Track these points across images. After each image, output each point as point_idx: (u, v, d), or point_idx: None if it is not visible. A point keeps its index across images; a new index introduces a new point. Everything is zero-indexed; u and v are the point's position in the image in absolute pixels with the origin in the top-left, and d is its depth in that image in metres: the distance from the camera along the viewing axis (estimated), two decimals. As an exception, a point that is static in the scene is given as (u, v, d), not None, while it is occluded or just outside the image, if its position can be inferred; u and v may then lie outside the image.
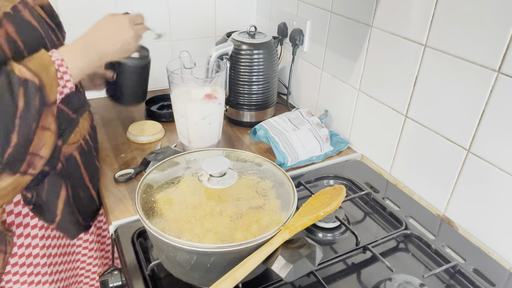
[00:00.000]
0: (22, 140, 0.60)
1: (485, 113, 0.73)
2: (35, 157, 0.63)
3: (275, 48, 1.15)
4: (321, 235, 0.81)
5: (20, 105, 0.58)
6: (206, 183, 0.67)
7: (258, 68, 1.10)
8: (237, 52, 1.09)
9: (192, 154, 0.77)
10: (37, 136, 0.62)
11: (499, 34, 0.68)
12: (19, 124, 0.59)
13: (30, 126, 0.60)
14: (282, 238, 0.59)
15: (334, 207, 0.64)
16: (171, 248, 0.59)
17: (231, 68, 1.11)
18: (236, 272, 0.56)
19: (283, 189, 0.69)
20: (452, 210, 0.84)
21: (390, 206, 0.87)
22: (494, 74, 0.70)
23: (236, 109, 1.17)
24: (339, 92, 1.10)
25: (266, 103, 1.17)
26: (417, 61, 0.84)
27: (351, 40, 1.01)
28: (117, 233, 0.78)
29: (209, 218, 0.61)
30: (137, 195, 0.65)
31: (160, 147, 1.03)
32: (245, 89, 1.13)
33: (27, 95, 0.59)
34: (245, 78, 1.11)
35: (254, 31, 1.12)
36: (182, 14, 1.32)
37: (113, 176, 0.92)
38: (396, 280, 0.67)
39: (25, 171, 0.63)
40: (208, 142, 1.02)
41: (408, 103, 0.89)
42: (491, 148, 0.73)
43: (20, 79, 0.58)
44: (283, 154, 0.96)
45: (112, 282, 0.72)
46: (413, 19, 0.83)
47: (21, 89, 0.58)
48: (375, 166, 1.02)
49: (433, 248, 0.76)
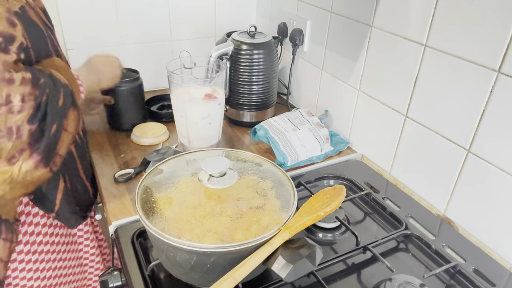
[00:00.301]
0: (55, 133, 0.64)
1: (485, 113, 0.73)
2: (56, 156, 0.67)
3: (275, 48, 1.14)
4: (321, 235, 0.81)
5: (60, 102, 0.64)
6: (206, 183, 0.67)
7: (258, 68, 1.10)
8: (237, 52, 1.09)
9: (192, 154, 0.77)
10: (62, 134, 0.67)
11: (499, 34, 0.68)
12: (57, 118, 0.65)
13: (61, 122, 0.66)
14: (282, 238, 0.59)
15: (334, 207, 0.64)
16: (171, 248, 0.59)
17: (231, 68, 1.11)
18: (236, 272, 0.56)
19: (283, 189, 0.69)
20: (452, 210, 0.84)
21: (390, 206, 0.87)
22: (494, 74, 0.70)
23: (236, 109, 1.16)
24: (339, 92, 1.10)
25: (266, 103, 1.17)
26: (417, 61, 0.84)
27: (351, 40, 1.01)
28: (117, 233, 0.78)
29: (209, 218, 0.61)
30: (137, 195, 0.65)
31: (162, 147, 1.03)
32: (245, 89, 1.13)
33: (65, 97, 0.66)
34: (245, 78, 1.11)
35: (254, 31, 1.12)
36: (182, 14, 1.32)
37: (113, 176, 0.92)
38: (396, 280, 0.67)
39: (51, 166, 0.67)
40: (208, 142, 1.02)
41: (408, 103, 0.89)
42: (491, 148, 0.73)
43: (61, 82, 0.66)
44: (283, 154, 0.96)
45: (112, 282, 0.72)
46: (413, 19, 0.83)
47: (62, 90, 0.65)
48: (375, 166, 1.02)
49: (433, 248, 0.76)
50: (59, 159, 0.67)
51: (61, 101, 0.65)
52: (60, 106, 0.64)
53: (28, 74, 0.59)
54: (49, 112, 0.62)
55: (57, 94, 0.64)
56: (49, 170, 0.66)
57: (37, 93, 0.60)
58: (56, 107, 0.63)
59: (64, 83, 0.66)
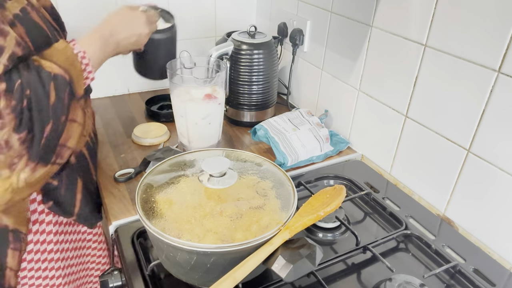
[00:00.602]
0: (54, 132, 0.63)
1: (485, 113, 0.73)
2: (63, 148, 0.66)
3: (275, 48, 1.15)
4: (321, 235, 0.81)
5: (52, 98, 0.61)
6: (206, 183, 0.67)
7: (258, 68, 1.10)
8: (237, 52, 1.09)
9: (192, 154, 0.77)
10: (66, 128, 0.65)
11: (499, 34, 0.68)
12: (52, 116, 0.62)
13: (59, 119, 0.63)
14: (282, 238, 0.59)
15: (334, 207, 0.64)
16: (171, 248, 0.59)
17: (231, 68, 1.11)
18: (236, 272, 0.56)
19: (283, 189, 0.69)
20: (452, 210, 0.84)
21: (390, 206, 0.87)
22: (494, 74, 0.70)
23: (236, 109, 1.17)
24: (339, 92, 1.10)
25: (266, 103, 1.17)
26: (417, 61, 0.84)
27: (351, 40, 1.01)
28: (117, 233, 0.78)
29: (209, 218, 0.61)
30: (137, 195, 0.65)
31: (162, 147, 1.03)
32: (245, 89, 1.13)
33: (57, 89, 0.62)
34: (245, 78, 1.11)
35: (254, 31, 1.12)
36: (182, 14, 1.32)
37: (113, 176, 0.92)
38: (396, 280, 0.67)
39: (55, 161, 0.66)
40: (208, 142, 1.02)
41: (408, 103, 0.89)
42: (491, 148, 0.73)
43: (50, 74, 0.61)
44: (283, 154, 0.96)
45: (112, 282, 0.72)
46: (413, 19, 0.83)
47: (52, 84, 0.61)
48: (375, 166, 1.02)
49: (433, 248, 0.76)
50: (66, 151, 0.66)
51: (53, 97, 0.61)
52: (53, 102, 0.61)
53: (2, 85, 0.56)
54: (35, 115, 0.59)
55: (44, 91, 0.60)
56: (52, 165, 0.65)
57: (14, 102, 0.57)
58: (46, 106, 0.60)
59: (55, 74, 0.62)
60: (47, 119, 0.61)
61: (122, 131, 1.12)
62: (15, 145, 0.58)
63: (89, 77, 0.69)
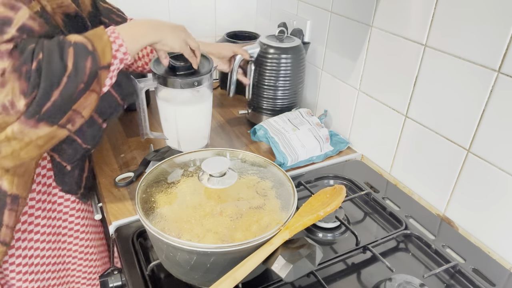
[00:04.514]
0: (64, 98, 0.61)
1: (485, 113, 0.73)
2: (77, 115, 0.65)
3: (304, 53, 1.10)
4: (321, 235, 0.81)
5: (69, 65, 0.60)
6: (206, 183, 0.67)
7: (285, 73, 1.07)
8: (263, 55, 1.05)
9: (192, 154, 0.77)
10: (84, 96, 0.63)
11: (499, 34, 0.68)
12: (65, 82, 0.60)
13: (76, 87, 0.61)
14: (282, 238, 0.59)
15: (334, 207, 0.63)
16: (171, 248, 0.59)
17: (255, 71, 1.08)
18: (236, 272, 0.56)
19: (283, 189, 0.69)
20: (452, 210, 0.84)
21: (390, 206, 0.87)
22: (494, 74, 0.70)
23: (259, 113, 1.14)
24: (339, 92, 1.10)
25: (289, 108, 1.13)
26: (417, 61, 0.84)
27: (351, 40, 1.01)
28: (117, 233, 0.78)
29: (209, 218, 0.61)
30: (137, 195, 0.65)
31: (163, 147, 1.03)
32: (270, 94, 1.09)
33: (76, 56, 0.60)
34: (271, 83, 1.08)
35: (283, 34, 1.08)
36: (182, 14, 1.33)
37: (113, 177, 0.91)
38: (396, 280, 0.67)
39: (64, 125, 0.64)
40: (197, 145, 1.00)
41: (408, 103, 0.89)
42: (491, 148, 0.73)
43: (71, 42, 0.61)
44: (283, 154, 0.96)
45: (112, 282, 0.72)
46: (413, 19, 0.83)
47: (71, 50, 0.60)
48: (375, 166, 1.02)
49: (433, 248, 0.76)
50: (80, 119, 0.65)
51: (70, 63, 0.60)
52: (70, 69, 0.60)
53: (9, 45, 0.56)
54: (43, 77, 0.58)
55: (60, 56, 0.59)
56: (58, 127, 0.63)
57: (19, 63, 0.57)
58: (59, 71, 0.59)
59: (75, 41, 0.61)
60: (57, 85, 0.60)
61: (122, 131, 1.12)
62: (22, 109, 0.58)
63: (120, 50, 0.67)
